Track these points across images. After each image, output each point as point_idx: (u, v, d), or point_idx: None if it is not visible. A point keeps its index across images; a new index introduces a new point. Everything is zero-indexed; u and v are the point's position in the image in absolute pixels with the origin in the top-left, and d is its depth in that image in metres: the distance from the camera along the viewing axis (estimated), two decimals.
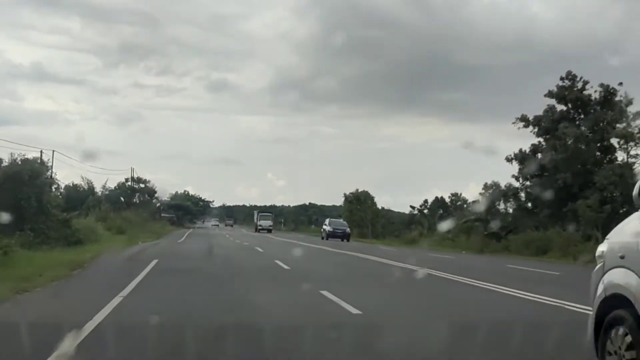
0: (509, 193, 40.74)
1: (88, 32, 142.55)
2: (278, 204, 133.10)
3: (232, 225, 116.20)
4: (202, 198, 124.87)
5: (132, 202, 64.12)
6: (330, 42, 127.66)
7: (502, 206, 42.66)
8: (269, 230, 67.76)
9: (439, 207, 65.19)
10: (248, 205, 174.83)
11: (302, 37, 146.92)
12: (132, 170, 69.09)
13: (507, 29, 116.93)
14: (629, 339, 4.58)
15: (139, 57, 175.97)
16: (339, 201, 76.84)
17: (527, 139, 38.86)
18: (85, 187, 48.49)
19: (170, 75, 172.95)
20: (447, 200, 66.15)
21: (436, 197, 66.48)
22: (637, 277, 4.49)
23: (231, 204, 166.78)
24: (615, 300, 4.76)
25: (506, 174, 40.44)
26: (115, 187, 61.95)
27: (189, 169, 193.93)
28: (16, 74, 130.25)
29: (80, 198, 42.49)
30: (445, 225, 45.22)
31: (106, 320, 8.00)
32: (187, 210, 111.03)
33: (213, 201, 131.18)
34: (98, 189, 52.55)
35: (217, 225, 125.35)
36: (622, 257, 4.77)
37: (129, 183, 66.18)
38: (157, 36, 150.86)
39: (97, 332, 7.16)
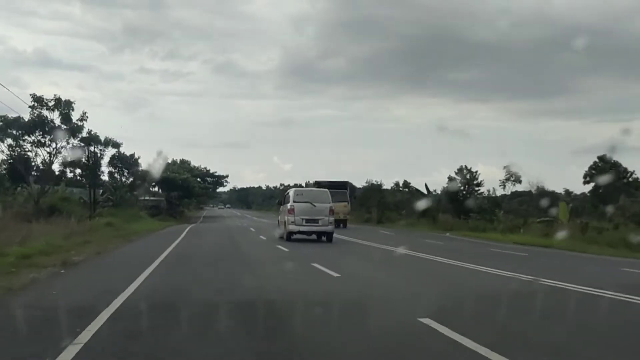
0: None
1: (90, 17, 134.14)
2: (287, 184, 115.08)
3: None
4: (212, 172, 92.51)
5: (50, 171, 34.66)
6: (338, 21, 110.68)
7: None
8: None
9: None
10: (265, 187, 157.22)
11: (309, 17, 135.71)
12: None
13: (522, 4, 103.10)
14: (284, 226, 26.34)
15: (144, 41, 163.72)
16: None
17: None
18: None
19: (176, 59, 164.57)
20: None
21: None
22: (280, 216, 28.09)
23: (245, 186, 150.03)
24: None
25: None
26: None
27: (196, 153, 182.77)
28: (20, 60, 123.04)
29: None
30: None
31: None
32: (187, 189, 70.89)
33: (227, 176, 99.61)
34: None
35: (223, 208, 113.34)
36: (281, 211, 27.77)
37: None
38: (162, 20, 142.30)
39: None
